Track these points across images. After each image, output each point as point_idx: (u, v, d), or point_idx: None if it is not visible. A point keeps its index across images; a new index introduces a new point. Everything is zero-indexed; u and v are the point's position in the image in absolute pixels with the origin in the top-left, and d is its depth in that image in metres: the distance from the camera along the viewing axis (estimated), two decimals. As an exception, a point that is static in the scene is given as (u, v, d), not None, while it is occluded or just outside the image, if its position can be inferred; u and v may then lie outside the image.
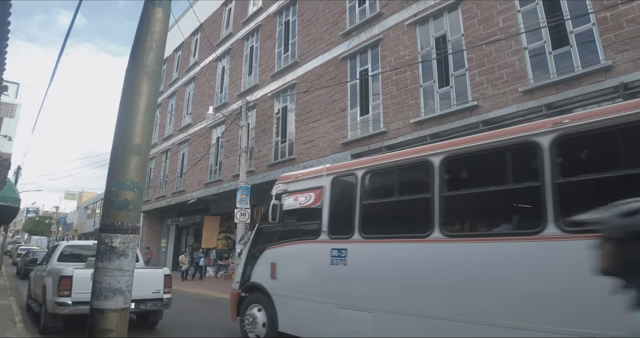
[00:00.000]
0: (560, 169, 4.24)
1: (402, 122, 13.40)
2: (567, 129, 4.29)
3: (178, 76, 29.95)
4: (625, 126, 3.96)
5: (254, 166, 19.56)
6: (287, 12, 19.68)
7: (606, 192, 3.93)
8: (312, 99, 17.01)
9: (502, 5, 11.65)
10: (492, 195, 5.04)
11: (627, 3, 9.33)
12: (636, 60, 9.00)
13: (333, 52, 16.41)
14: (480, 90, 11.59)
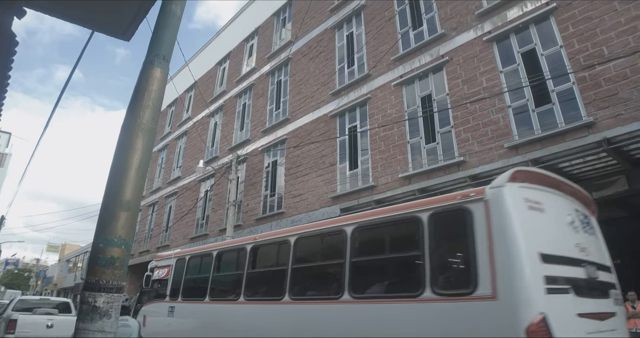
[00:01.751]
0: (438, 240, 5.08)
1: (390, 177, 13.44)
2: (438, 207, 5.24)
3: (170, 130, 30.07)
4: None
5: (241, 220, 19.27)
6: (279, 72, 20.14)
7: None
8: (302, 154, 17.09)
9: (485, 66, 12.05)
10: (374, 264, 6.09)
11: (604, 64, 9.71)
12: (616, 116, 9.27)
13: (323, 110, 16.67)
14: (466, 146, 11.75)
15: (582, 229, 5.54)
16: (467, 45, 12.68)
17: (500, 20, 12.13)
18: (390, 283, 5.82)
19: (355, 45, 16.39)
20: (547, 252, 4.55)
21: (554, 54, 10.95)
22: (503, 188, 4.79)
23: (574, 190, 5.88)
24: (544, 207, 5.03)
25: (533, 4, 11.59)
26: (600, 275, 5.10)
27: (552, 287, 4.33)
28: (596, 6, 10.38)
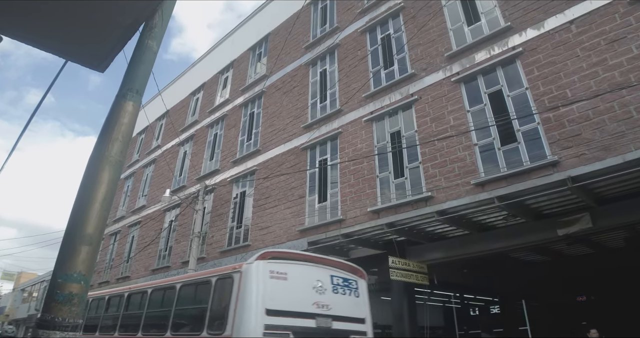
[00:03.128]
0: (216, 297, 7.60)
1: (359, 210, 13.26)
2: (221, 274, 7.78)
3: (138, 158, 29.33)
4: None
5: (205, 252, 18.62)
6: (252, 104, 20.05)
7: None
8: (272, 185, 16.81)
9: (453, 105, 12.21)
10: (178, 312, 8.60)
11: (567, 105, 9.94)
12: (580, 155, 9.43)
13: (294, 142, 16.55)
14: (433, 182, 11.73)
15: (332, 291, 7.72)
16: (436, 85, 12.88)
17: (469, 62, 12.40)
18: (190, 324, 8.10)
19: (328, 82, 16.51)
20: (272, 308, 6.79)
21: (519, 95, 11.19)
22: (251, 264, 7.10)
23: (332, 262, 8.34)
24: (288, 276, 7.25)
25: (500, 48, 11.90)
26: (336, 324, 7.41)
27: (269, 331, 6.60)
28: (559, 52, 10.73)
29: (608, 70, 9.88)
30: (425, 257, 12.75)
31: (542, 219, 10.82)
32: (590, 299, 24.00)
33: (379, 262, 12.67)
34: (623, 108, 9.34)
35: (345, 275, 8.18)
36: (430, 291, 15.91)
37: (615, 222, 10.30)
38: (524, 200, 9.92)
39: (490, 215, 11.04)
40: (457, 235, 12.29)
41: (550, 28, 11.17)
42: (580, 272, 19.32)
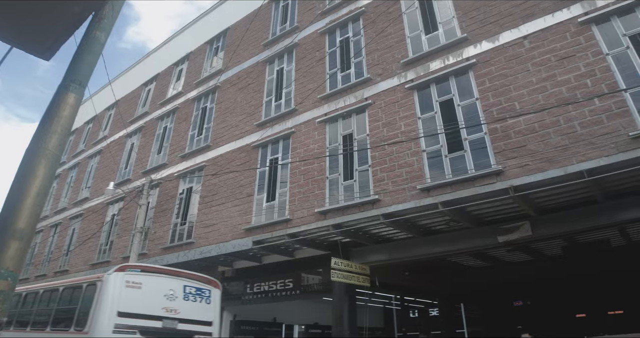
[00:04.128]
0: (85, 300, 9.16)
1: (306, 211, 13.10)
2: (90, 281, 9.49)
3: (84, 148, 28.09)
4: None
5: (147, 248, 17.96)
6: (205, 99, 19.58)
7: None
8: (220, 182, 16.41)
9: (405, 112, 12.27)
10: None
11: (515, 117, 10.15)
12: (524, 166, 9.63)
13: (246, 140, 16.24)
14: (381, 186, 11.72)
15: (184, 298, 9.44)
16: (390, 90, 12.93)
17: (423, 70, 12.51)
18: (65, 322, 9.44)
19: (285, 81, 16.32)
20: (124, 311, 8.44)
21: (469, 105, 11.36)
22: (110, 275, 8.79)
23: (188, 274, 10.18)
24: (142, 285, 8.90)
25: (455, 58, 12.06)
26: (181, 326, 9.11)
27: (119, 329, 8.23)
28: (511, 65, 10.97)
29: (556, 85, 10.15)
30: (368, 259, 12.76)
31: (483, 226, 11.07)
32: (526, 304, 24.98)
33: (323, 263, 12.62)
34: (568, 122, 9.60)
35: (200, 285, 10.07)
36: (372, 292, 15.95)
37: (554, 231, 10.64)
38: (467, 207, 10.10)
39: (434, 220, 11.20)
40: (401, 238, 12.37)
41: (504, 42, 11.41)
42: (518, 278, 19.94)
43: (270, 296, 14.91)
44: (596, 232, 12.96)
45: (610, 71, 9.66)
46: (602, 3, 10.33)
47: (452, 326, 20.97)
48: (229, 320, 15.96)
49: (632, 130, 8.79)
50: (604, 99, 9.41)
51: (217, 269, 16.56)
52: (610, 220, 10.10)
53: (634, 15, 10.03)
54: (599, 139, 9.09)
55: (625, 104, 9.21)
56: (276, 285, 14.77)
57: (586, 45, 10.19)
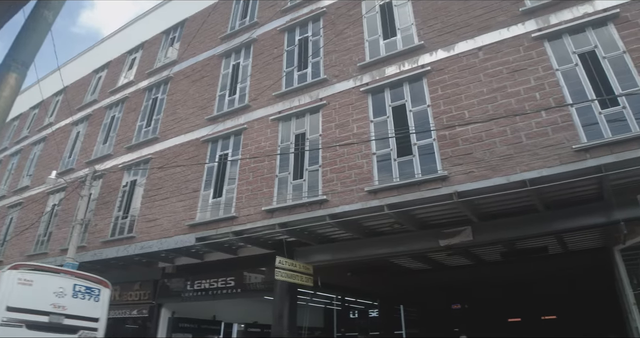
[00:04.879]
0: None
1: (253, 209, 12.82)
2: None
3: (28, 134, 26.64)
4: None
5: (87, 241, 17.15)
6: (157, 89, 18.96)
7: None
8: (165, 176, 15.88)
9: (358, 114, 12.25)
10: None
11: (463, 126, 10.27)
12: (468, 173, 9.80)
13: (196, 134, 15.80)
14: (330, 186, 11.62)
15: (72, 296, 10.04)
16: (345, 92, 12.88)
17: (379, 74, 12.53)
18: None
19: (240, 76, 16.00)
20: (13, 306, 8.97)
21: (421, 111, 11.45)
22: (4, 272, 9.33)
23: (78, 274, 10.82)
24: (33, 283, 9.47)
25: (410, 65, 12.14)
26: (67, 321, 9.73)
27: (6, 322, 8.76)
28: (464, 75, 11.12)
29: (506, 97, 10.36)
30: (312, 259, 12.64)
31: (426, 229, 11.16)
32: (464, 307, 25.74)
33: (267, 262, 12.39)
34: (514, 133, 9.80)
35: (90, 284, 10.61)
36: (314, 292, 15.86)
37: (494, 238, 10.86)
38: (411, 210, 10.18)
39: (379, 222, 11.18)
40: (346, 238, 12.30)
41: (459, 51, 11.57)
42: (457, 281, 20.35)
43: (210, 294, 14.52)
44: (535, 240, 13.32)
45: (559, 86, 9.97)
46: (555, 21, 10.66)
47: (390, 327, 21.19)
48: (167, 317, 15.46)
49: (576, 143, 9.08)
50: (551, 112, 9.67)
51: (157, 265, 16.02)
52: (548, 229, 10.38)
53: (584, 34, 10.40)
54: (543, 150, 9.32)
55: (570, 118, 9.49)
56: (217, 282, 14.40)
57: (538, 59, 10.47)
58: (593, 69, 10.00)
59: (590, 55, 10.17)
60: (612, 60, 9.85)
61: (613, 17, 10.03)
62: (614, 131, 9.13)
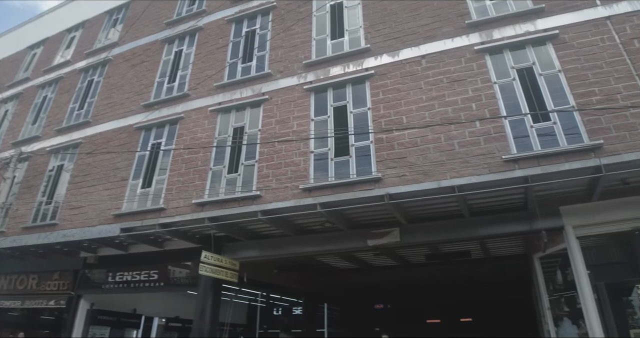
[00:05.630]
0: None
1: (183, 201, 12.34)
2: None
3: (-48, 111, 24.81)
4: None
5: (6, 226, 16.02)
6: (94, 71, 18.02)
7: None
8: (94, 163, 15.05)
9: (300, 112, 12.08)
10: None
11: (401, 130, 10.34)
12: (401, 176, 9.90)
13: (130, 120, 15.08)
14: (265, 182, 11.36)
15: None
16: (288, 89, 12.68)
17: (323, 74, 12.43)
18: None
19: (182, 63, 15.44)
20: None
21: (361, 113, 11.44)
22: None
23: None
24: None
25: (355, 67, 12.11)
26: None
27: None
28: (406, 81, 11.22)
29: (443, 105, 10.53)
30: (240, 255, 12.35)
31: (356, 229, 11.17)
32: (386, 307, 26.36)
33: (192, 256, 12.00)
34: (448, 141, 9.97)
35: None
36: (239, 288, 15.55)
37: (420, 240, 11.08)
38: (344, 210, 10.17)
39: (311, 220, 11.07)
40: (276, 235, 12.09)
41: (403, 58, 11.66)
42: (382, 281, 20.66)
43: (133, 286, 13.88)
44: (459, 244, 13.57)
45: (495, 98, 10.25)
46: (498, 36, 10.97)
47: (313, 325, 21.25)
48: (86, 309, 14.71)
49: (506, 154, 9.35)
50: (485, 123, 9.89)
51: (79, 255, 15.16)
52: (473, 234, 10.72)
53: (524, 51, 10.75)
54: (474, 158, 9.51)
55: (503, 130, 9.77)
56: (140, 275, 13.78)
57: (478, 71, 10.72)
58: (529, 84, 10.33)
59: (528, 71, 10.51)
60: (547, 77, 10.22)
61: (552, 37, 10.44)
62: (543, 145, 9.45)
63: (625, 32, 9.89)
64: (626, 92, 9.27)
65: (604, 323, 9.02)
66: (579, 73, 9.85)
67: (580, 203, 9.59)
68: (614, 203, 9.37)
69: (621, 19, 10.06)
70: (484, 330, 23.59)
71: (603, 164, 8.37)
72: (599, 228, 9.63)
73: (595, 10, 10.37)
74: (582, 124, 9.32)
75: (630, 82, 9.35)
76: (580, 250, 9.46)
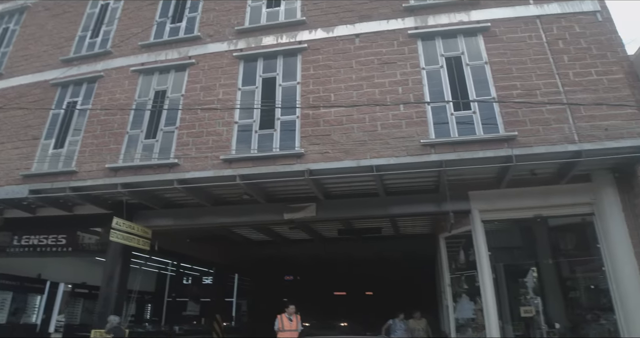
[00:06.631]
0: None
1: (96, 165, 11.72)
2: None
3: None
4: None
5: None
6: (10, 18, 16.54)
7: None
8: (5, 119, 13.90)
9: (227, 80, 11.74)
10: None
11: (327, 108, 10.35)
12: (324, 153, 9.97)
13: (46, 75, 14.03)
14: (184, 150, 11.00)
15: None
16: (216, 54, 12.26)
17: (255, 42, 12.12)
18: None
19: (107, 17, 14.48)
20: None
21: (290, 87, 11.31)
22: None
23: None
24: None
25: (288, 39, 11.91)
26: None
27: None
28: (338, 59, 11.19)
29: (372, 86, 10.63)
30: (153, 223, 12.07)
31: (274, 202, 11.23)
32: (296, 279, 27.33)
33: (103, 222, 11.57)
34: (372, 122, 10.11)
35: None
36: (149, 257, 15.30)
37: (335, 215, 11.44)
38: (263, 183, 10.14)
39: (229, 191, 10.99)
40: (191, 205, 11.85)
41: (337, 35, 11.59)
42: (294, 254, 21.16)
43: (39, 251, 13.20)
44: (371, 221, 14.00)
45: (421, 84, 10.50)
46: (433, 23, 11.17)
47: (222, 295, 21.57)
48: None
49: (424, 138, 9.67)
50: (409, 107, 10.11)
51: (-18, 216, 14.16)
52: (386, 212, 11.22)
53: (455, 40, 11.04)
54: (395, 140, 9.75)
55: (425, 115, 10.04)
56: (47, 239, 13.13)
57: (408, 56, 10.88)
58: (455, 73, 10.63)
59: (456, 60, 10.80)
60: (473, 68, 10.56)
61: (483, 30, 10.78)
62: (461, 132, 9.84)
63: (552, 32, 10.39)
64: (545, 89, 9.78)
65: (498, 300, 9.74)
66: (503, 66, 10.25)
67: (489, 189, 10.15)
68: (520, 192, 9.97)
69: (550, 20, 10.54)
70: (387, 303, 24.79)
71: (514, 154, 8.84)
72: (504, 214, 10.29)
73: (527, 8, 10.80)
74: (500, 115, 9.76)
75: (551, 79, 9.86)
76: (484, 233, 10.09)
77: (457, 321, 11.13)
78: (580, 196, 9.91)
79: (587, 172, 9.87)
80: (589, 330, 10.20)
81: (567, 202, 9.94)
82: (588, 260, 10.33)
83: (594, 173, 9.91)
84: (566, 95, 9.61)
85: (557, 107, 9.47)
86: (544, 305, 10.46)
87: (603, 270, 9.62)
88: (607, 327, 9.59)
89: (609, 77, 9.66)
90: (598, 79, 9.69)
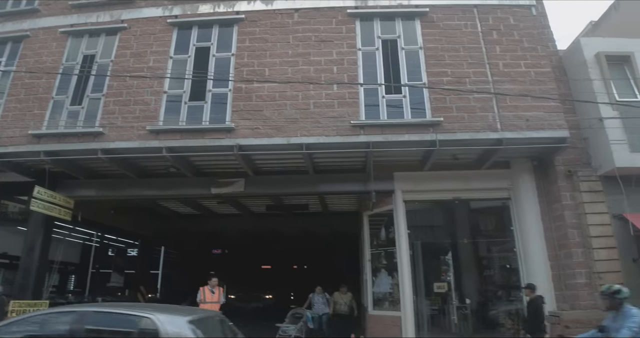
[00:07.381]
0: None
1: (19, 131, 11.07)
2: None
3: None
4: None
5: None
6: None
7: None
8: None
9: (159, 47, 11.32)
10: None
11: (261, 83, 10.24)
12: (254, 129, 9.91)
13: (-35, 32, 13.08)
14: (110, 119, 10.58)
15: None
16: (150, 20, 11.74)
17: (191, 9, 11.74)
18: None
19: (34, -29, 13.56)
20: None
21: (224, 58, 11.07)
22: None
23: None
24: None
25: (226, 8, 11.61)
26: None
27: None
28: (275, 33, 11.05)
29: (307, 64, 10.60)
30: (76, 193, 11.68)
31: (201, 176, 11.21)
32: (224, 252, 27.86)
33: (24, 190, 11.07)
34: (305, 100, 10.13)
35: None
36: (73, 227, 14.93)
37: (264, 191, 11.58)
38: (191, 156, 10.12)
39: (155, 163, 10.83)
40: (117, 175, 11.59)
41: (277, 7, 11.41)
42: (223, 228, 21.35)
43: (-45, 219, 12.59)
44: (299, 198, 14.31)
45: (356, 65, 10.57)
46: (372, 3, 11.16)
47: (147, 267, 21.81)
48: None
49: (355, 119, 9.80)
50: (342, 88, 10.21)
51: None
52: (314, 190, 11.47)
53: (393, 23, 11.13)
54: (326, 120, 9.83)
55: (357, 96, 10.17)
56: (-36, 208, 12.52)
57: (345, 35, 10.88)
58: (390, 56, 10.77)
59: (392, 43, 10.94)
60: (408, 52, 10.76)
61: (421, 14, 10.93)
62: (390, 115, 10.08)
63: (488, 22, 10.71)
64: (475, 78, 10.13)
65: (414, 276, 10.33)
66: (437, 53, 10.50)
67: (413, 171, 10.52)
68: (442, 175, 10.44)
69: (487, 10, 10.85)
70: (313, 277, 25.57)
71: (438, 139, 9.19)
72: (425, 195, 10.82)
73: (464, -3, 10.99)
74: (429, 100, 10.05)
75: (480, 69, 10.22)
76: (405, 212, 10.61)
77: (375, 295, 11.64)
78: (499, 181, 10.51)
79: (508, 159, 10.44)
80: (500, 305, 10.98)
81: (486, 187, 10.53)
82: (503, 241, 11.04)
83: (513, 160, 10.50)
84: (494, 85, 10.01)
85: (483, 95, 9.85)
86: (458, 282, 11.11)
87: (515, 251, 10.28)
88: (515, 303, 10.34)
89: (536, 70, 10.11)
90: (526, 70, 10.14)
